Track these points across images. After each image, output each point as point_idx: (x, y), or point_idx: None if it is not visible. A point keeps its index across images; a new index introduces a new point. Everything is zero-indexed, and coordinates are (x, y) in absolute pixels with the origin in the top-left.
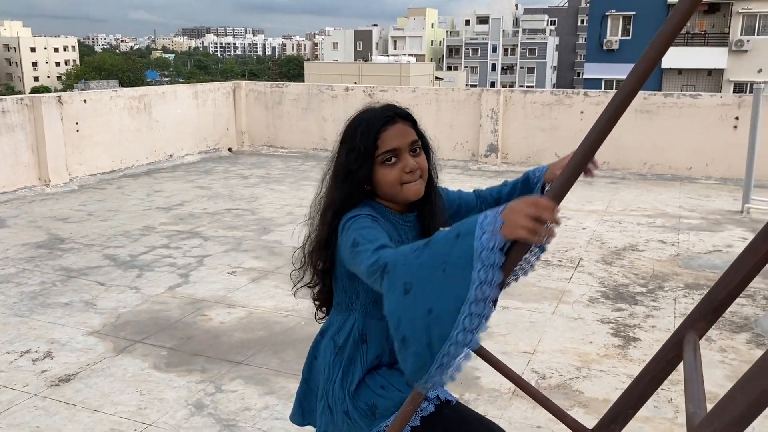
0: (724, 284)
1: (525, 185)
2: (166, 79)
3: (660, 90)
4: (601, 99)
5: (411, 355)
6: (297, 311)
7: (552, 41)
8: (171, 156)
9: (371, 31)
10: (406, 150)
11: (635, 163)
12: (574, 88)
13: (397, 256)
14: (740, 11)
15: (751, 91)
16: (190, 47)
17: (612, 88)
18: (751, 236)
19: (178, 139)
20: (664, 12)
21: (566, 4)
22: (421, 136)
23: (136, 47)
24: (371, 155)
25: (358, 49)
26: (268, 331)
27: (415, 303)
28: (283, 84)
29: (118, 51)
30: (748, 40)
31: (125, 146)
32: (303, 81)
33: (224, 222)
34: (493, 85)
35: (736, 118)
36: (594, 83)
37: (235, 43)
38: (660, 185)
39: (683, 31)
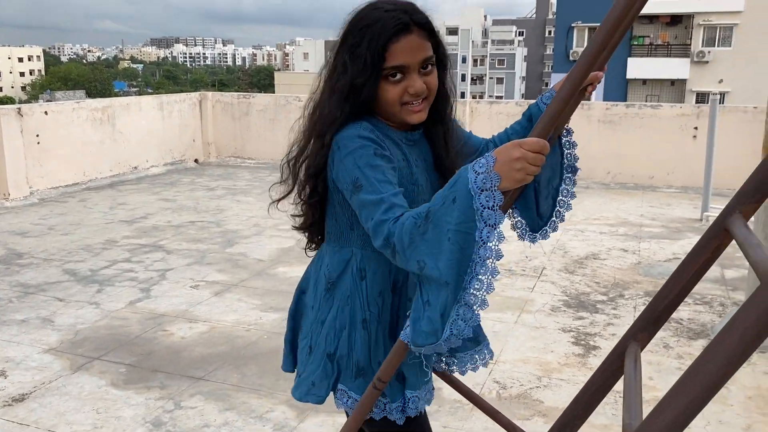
0: (663, 295)
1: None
2: (135, 89)
3: (625, 99)
4: None
5: (425, 319)
6: (260, 325)
7: (520, 52)
8: (136, 168)
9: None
10: (415, 68)
11: (599, 173)
12: None
13: (403, 234)
14: (701, 23)
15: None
16: (159, 57)
17: None
18: None
19: (143, 150)
20: None
21: (534, 16)
22: (437, 47)
23: (104, 57)
24: (378, 68)
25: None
26: (230, 346)
27: (430, 277)
28: (250, 95)
29: (84, 61)
30: (709, 51)
31: (88, 158)
32: (273, 91)
33: (188, 235)
34: (463, 95)
35: (696, 128)
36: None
37: (204, 53)
38: (623, 194)
39: (647, 42)
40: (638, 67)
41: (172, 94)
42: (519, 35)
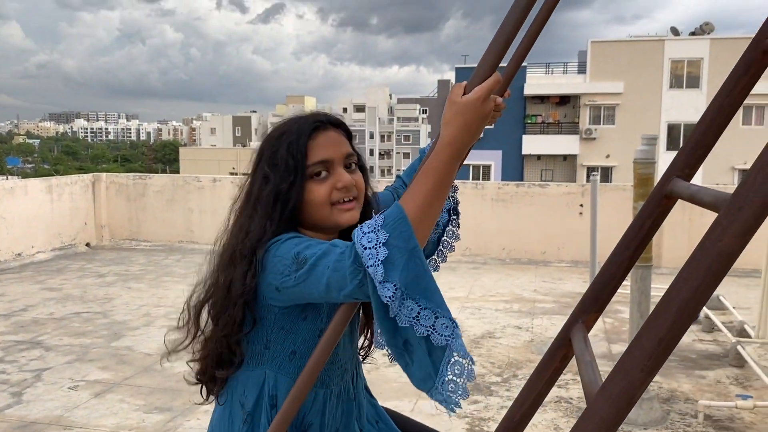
0: (505, 426)
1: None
2: (30, 165)
3: (522, 174)
4: (459, 189)
5: (416, 362)
6: (142, 428)
7: (424, 128)
8: (19, 255)
9: (250, 117)
10: (340, 162)
11: (495, 249)
12: None
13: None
14: (587, 103)
15: (602, 175)
16: (57, 132)
17: (479, 174)
18: None
19: (28, 236)
20: (522, 102)
21: (436, 95)
22: (358, 155)
23: None
24: (302, 169)
25: (236, 135)
26: None
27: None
28: (146, 175)
29: None
30: (595, 129)
31: None
32: (178, 166)
33: (71, 328)
34: (372, 169)
35: (581, 205)
36: (462, 169)
37: (107, 128)
38: (518, 269)
39: (539, 120)
40: (532, 144)
41: (62, 176)
42: (423, 113)
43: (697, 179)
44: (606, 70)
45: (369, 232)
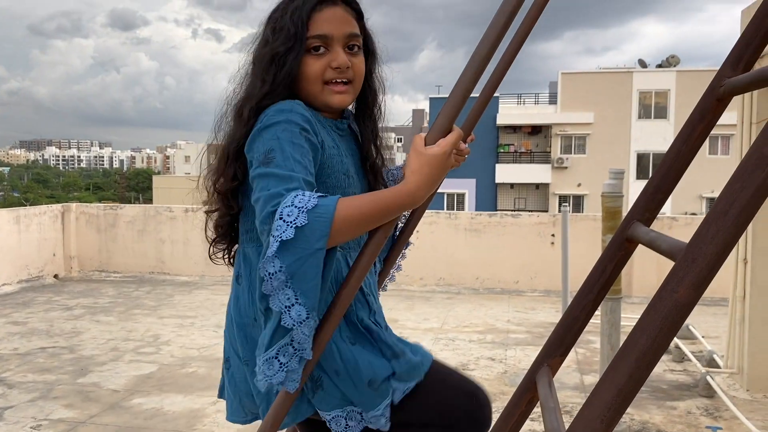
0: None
1: None
2: None
3: (496, 202)
4: (433, 219)
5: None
6: None
7: (400, 157)
8: None
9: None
10: (339, 42)
11: (469, 278)
12: None
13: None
14: (558, 133)
15: (574, 203)
16: (28, 160)
17: (453, 201)
18: None
19: None
20: (495, 131)
21: (410, 124)
22: (367, 37)
23: None
24: (302, 38)
25: (211, 163)
26: None
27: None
28: (117, 206)
29: None
30: (567, 158)
31: None
32: (152, 195)
33: (36, 364)
34: None
35: (553, 235)
36: (437, 197)
37: (79, 156)
38: (491, 299)
39: (512, 150)
40: (506, 173)
41: (31, 207)
42: (398, 141)
43: (667, 207)
44: (576, 100)
45: (292, 207)
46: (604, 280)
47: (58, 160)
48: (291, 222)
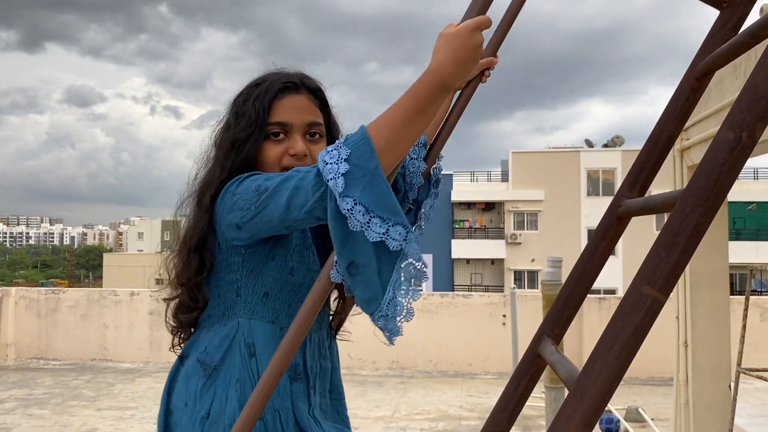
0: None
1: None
2: None
3: (453, 277)
4: None
5: (360, 284)
6: None
7: None
8: None
9: (180, 221)
10: (300, 129)
11: (422, 362)
12: None
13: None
14: (510, 209)
15: (529, 278)
16: None
17: None
18: None
19: None
20: (450, 207)
21: None
22: (330, 122)
23: None
24: (262, 124)
25: (165, 239)
26: None
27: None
28: (60, 290)
29: None
30: (520, 234)
31: None
32: (102, 273)
33: None
34: None
35: (504, 315)
36: None
37: (28, 233)
38: (444, 383)
39: (467, 225)
40: (461, 248)
41: None
42: None
43: (618, 280)
44: (527, 178)
45: (332, 150)
46: (519, 394)
47: (5, 237)
48: (337, 160)
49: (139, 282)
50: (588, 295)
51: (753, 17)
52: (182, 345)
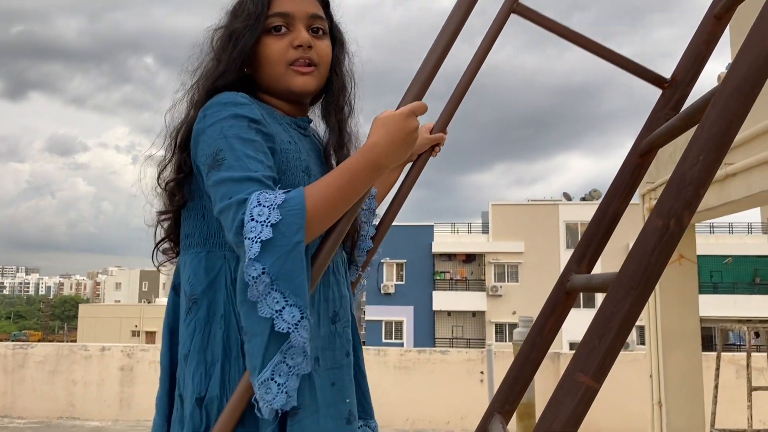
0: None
1: None
2: None
3: (434, 330)
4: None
5: (247, 351)
6: None
7: None
8: None
9: (158, 271)
10: (302, 21)
11: (399, 420)
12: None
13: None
14: (491, 261)
15: (510, 331)
16: None
17: (392, 330)
18: None
19: None
20: (431, 259)
21: None
22: (333, 24)
23: None
24: (262, 16)
25: (143, 290)
26: None
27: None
28: (28, 344)
29: None
30: (501, 286)
31: None
32: (77, 324)
33: None
34: None
35: (482, 372)
36: (375, 324)
37: (2, 282)
38: None
39: (447, 277)
40: (442, 300)
41: None
42: None
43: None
44: (507, 230)
45: (264, 206)
46: None
47: None
48: (264, 221)
49: (114, 334)
50: (560, 351)
51: (694, 97)
52: (170, 252)
